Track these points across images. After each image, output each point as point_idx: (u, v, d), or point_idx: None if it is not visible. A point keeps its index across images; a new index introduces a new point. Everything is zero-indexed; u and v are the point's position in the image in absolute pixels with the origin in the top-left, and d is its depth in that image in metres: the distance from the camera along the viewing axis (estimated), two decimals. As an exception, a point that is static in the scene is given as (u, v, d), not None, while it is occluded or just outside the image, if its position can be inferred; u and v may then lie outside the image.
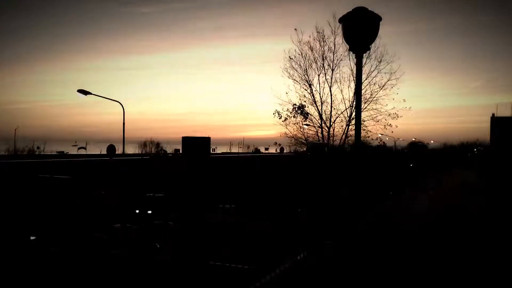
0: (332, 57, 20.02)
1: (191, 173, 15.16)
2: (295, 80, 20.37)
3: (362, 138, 17.66)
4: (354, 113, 18.46)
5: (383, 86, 19.62)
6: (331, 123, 20.20)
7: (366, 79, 19.19)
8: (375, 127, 19.72)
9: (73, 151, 48.55)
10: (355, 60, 5.30)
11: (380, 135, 20.11)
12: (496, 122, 64.60)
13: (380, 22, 5.06)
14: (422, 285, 6.89)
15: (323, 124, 20.18)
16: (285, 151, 41.95)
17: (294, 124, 20.46)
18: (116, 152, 23.78)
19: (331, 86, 20.14)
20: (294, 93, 20.46)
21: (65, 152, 45.54)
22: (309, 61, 20.17)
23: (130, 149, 40.23)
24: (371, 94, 19.72)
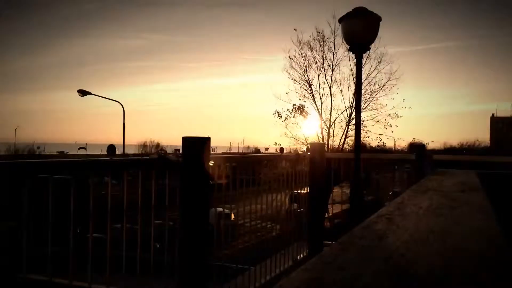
0: (332, 57, 20.05)
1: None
2: (295, 80, 20.40)
3: (361, 138, 17.65)
4: (354, 113, 18.49)
5: (383, 86, 19.66)
6: (331, 123, 20.23)
7: (366, 79, 19.23)
8: (375, 127, 19.77)
9: (74, 151, 48.62)
10: (355, 60, 5.28)
11: (379, 135, 20.20)
12: (496, 122, 64.62)
13: (380, 23, 5.06)
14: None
15: (322, 124, 20.22)
16: (285, 151, 41.91)
17: (294, 124, 20.52)
18: (116, 152, 23.82)
19: (331, 86, 20.16)
20: (294, 93, 20.54)
21: (65, 152, 45.68)
22: (309, 61, 20.22)
23: (130, 150, 40.30)
24: (371, 94, 19.76)
